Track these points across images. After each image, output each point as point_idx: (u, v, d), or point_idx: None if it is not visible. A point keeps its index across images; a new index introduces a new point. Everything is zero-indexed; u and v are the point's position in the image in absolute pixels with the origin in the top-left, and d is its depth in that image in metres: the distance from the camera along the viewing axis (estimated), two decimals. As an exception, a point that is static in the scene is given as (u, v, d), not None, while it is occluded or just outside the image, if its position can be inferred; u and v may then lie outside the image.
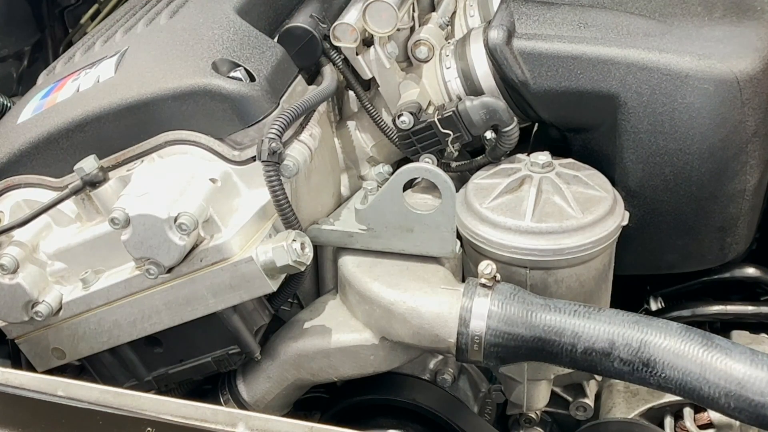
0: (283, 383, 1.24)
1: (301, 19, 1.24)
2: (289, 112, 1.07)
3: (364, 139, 1.36)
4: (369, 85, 1.33)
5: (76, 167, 1.10)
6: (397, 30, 1.24)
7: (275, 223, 1.11)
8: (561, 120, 1.31)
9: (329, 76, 1.23)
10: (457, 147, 1.27)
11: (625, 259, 1.28)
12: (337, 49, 1.25)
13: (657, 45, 1.20)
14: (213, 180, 1.09)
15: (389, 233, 1.16)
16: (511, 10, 1.28)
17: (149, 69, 1.15)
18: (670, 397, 1.34)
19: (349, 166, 1.37)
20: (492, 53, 1.25)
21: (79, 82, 1.22)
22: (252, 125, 1.11)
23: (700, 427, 1.33)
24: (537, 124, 1.40)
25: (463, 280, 1.14)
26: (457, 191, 1.14)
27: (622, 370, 0.98)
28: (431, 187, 1.23)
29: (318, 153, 1.16)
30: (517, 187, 1.19)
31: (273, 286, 1.08)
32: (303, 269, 1.07)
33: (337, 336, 1.18)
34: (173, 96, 1.10)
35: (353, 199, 1.28)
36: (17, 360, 1.31)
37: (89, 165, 1.10)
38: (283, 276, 1.11)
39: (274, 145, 1.03)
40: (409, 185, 1.25)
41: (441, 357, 1.36)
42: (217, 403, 1.28)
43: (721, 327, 1.45)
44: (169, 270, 1.08)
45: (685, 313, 1.44)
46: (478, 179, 1.24)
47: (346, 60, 1.27)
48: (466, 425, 1.28)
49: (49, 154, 1.16)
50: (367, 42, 1.27)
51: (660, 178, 1.23)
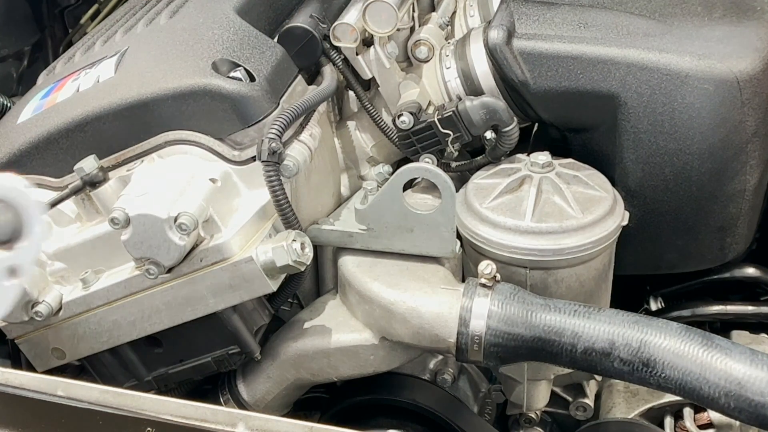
0: (283, 383, 1.24)
1: (301, 19, 1.24)
2: (289, 112, 1.07)
3: (364, 139, 1.36)
4: (369, 85, 1.33)
5: (76, 167, 1.10)
6: (397, 30, 1.24)
7: (275, 223, 1.11)
8: (561, 120, 1.31)
9: (329, 76, 1.23)
10: (457, 147, 1.27)
11: (625, 259, 1.28)
12: (337, 49, 1.25)
13: (657, 45, 1.20)
14: (213, 180, 1.09)
15: (389, 233, 1.16)
16: (511, 10, 1.28)
17: (149, 69, 1.15)
18: (670, 397, 1.34)
19: (349, 166, 1.37)
20: (492, 53, 1.25)
21: (79, 82, 1.22)
22: (252, 125, 1.11)
23: (700, 427, 1.33)
24: (537, 124, 1.40)
25: (463, 280, 1.14)
26: (457, 191, 1.14)
27: (622, 370, 0.98)
28: (431, 187, 1.23)
29: (318, 153, 1.16)
30: (517, 187, 1.19)
31: (273, 286, 1.08)
32: (303, 269, 1.07)
33: (337, 336, 1.18)
34: (173, 96, 1.10)
35: (353, 199, 1.28)
36: (17, 360, 1.31)
37: (89, 165, 1.10)
38: (283, 276, 1.11)
39: (274, 145, 1.03)
40: (409, 185, 1.25)
41: (441, 357, 1.36)
42: (217, 403, 1.28)
43: (721, 327, 1.45)
44: (169, 270, 1.08)
45: (685, 313, 1.44)
46: (478, 179, 1.24)
47: (346, 60, 1.27)
48: (466, 425, 1.28)
49: (49, 154, 1.16)
50: (367, 42, 1.27)
51: (660, 178, 1.23)
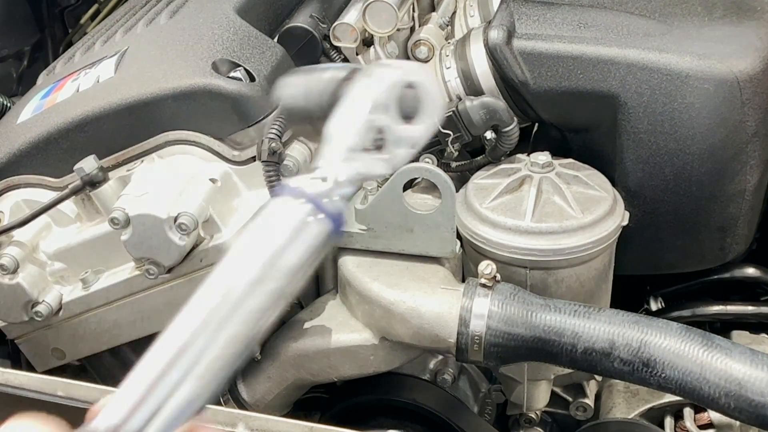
0: (283, 383, 1.24)
1: (301, 19, 1.24)
2: (289, 112, 1.07)
3: (364, 139, 1.36)
4: (369, 85, 1.32)
5: (76, 167, 1.10)
6: (397, 30, 1.24)
7: (275, 223, 1.11)
8: (561, 120, 1.30)
9: (329, 76, 1.22)
10: (457, 147, 1.27)
11: (625, 259, 1.28)
12: (337, 49, 1.25)
13: (657, 45, 1.20)
14: (213, 180, 1.09)
15: (389, 233, 1.16)
16: (511, 10, 1.28)
17: (149, 69, 1.15)
18: (670, 397, 1.33)
19: (349, 166, 1.36)
20: (492, 53, 1.25)
21: (79, 82, 1.22)
22: (252, 125, 1.11)
23: (700, 427, 1.33)
24: (537, 124, 1.40)
25: (463, 280, 1.14)
26: (457, 191, 1.13)
27: (622, 370, 0.98)
28: (431, 187, 1.22)
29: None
30: (517, 187, 1.19)
31: (273, 286, 1.07)
32: (302, 269, 1.07)
33: (337, 336, 1.18)
34: (173, 96, 1.10)
35: (353, 199, 1.28)
36: (17, 360, 1.31)
37: (89, 165, 1.10)
38: (282, 276, 1.11)
39: (274, 145, 1.03)
40: (409, 185, 1.25)
41: (441, 357, 1.36)
42: (217, 403, 1.28)
43: (721, 327, 1.44)
44: (169, 270, 1.08)
45: (685, 313, 1.44)
46: (478, 179, 1.24)
47: (346, 60, 1.26)
48: (466, 425, 1.28)
49: (49, 154, 1.16)
50: (367, 42, 1.27)
51: (660, 178, 1.23)
